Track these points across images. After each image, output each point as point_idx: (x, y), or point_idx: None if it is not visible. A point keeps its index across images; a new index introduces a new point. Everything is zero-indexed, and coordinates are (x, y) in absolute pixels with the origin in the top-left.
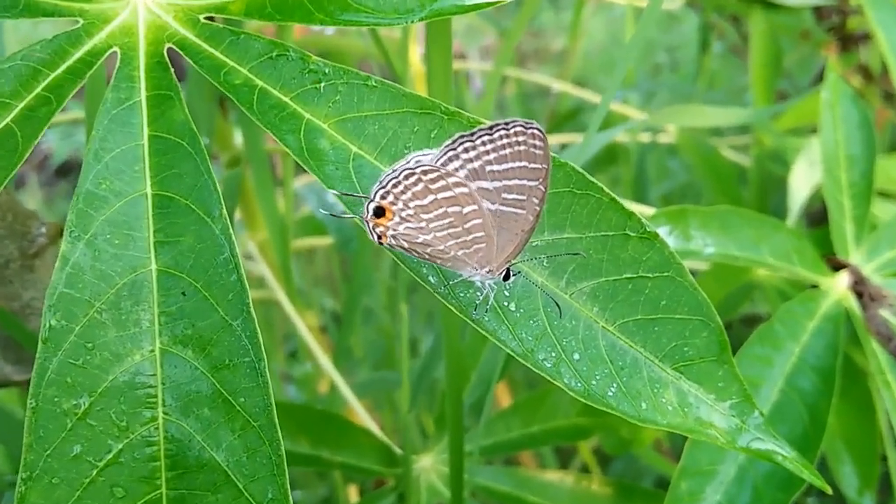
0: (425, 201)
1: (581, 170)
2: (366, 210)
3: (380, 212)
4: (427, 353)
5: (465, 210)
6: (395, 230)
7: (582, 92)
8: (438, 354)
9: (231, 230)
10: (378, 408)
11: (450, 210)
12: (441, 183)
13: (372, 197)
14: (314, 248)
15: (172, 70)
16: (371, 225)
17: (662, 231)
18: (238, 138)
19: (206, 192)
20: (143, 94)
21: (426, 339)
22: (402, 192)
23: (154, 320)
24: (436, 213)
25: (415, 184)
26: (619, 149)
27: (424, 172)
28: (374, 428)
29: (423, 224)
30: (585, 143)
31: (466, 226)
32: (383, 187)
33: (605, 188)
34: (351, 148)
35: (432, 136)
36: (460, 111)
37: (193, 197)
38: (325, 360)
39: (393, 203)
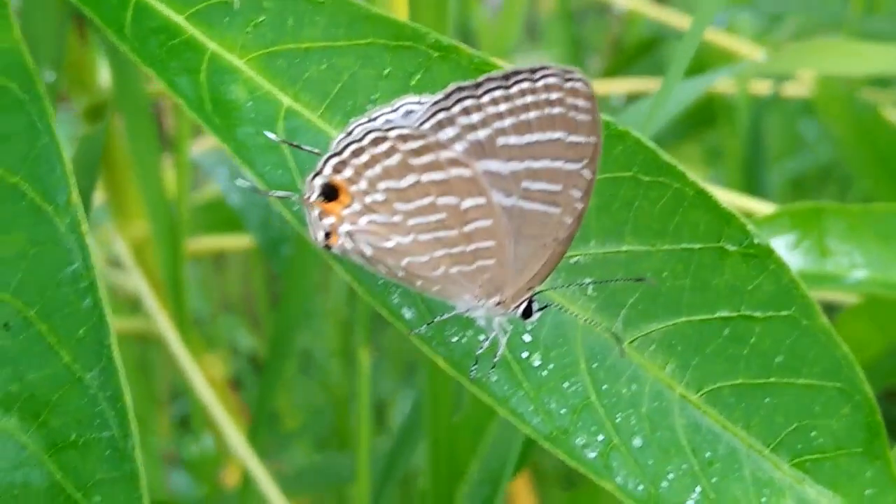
0: (402, 183)
1: (651, 143)
2: (307, 187)
3: (331, 192)
4: (401, 427)
5: (465, 204)
6: (352, 224)
7: (662, 11)
8: (417, 430)
9: (84, 226)
10: None
11: (440, 202)
12: (428, 158)
13: (319, 168)
14: (224, 252)
15: None
16: (315, 213)
17: (784, 242)
18: (104, 74)
19: (46, 164)
20: None
21: (399, 405)
22: (367, 166)
23: None
24: (418, 203)
25: (387, 154)
26: (719, 105)
27: (402, 139)
28: None
29: (397, 218)
30: (663, 96)
31: (466, 229)
32: (337, 154)
33: (688, 173)
34: (282, 99)
35: (412, 83)
36: (458, 45)
37: (24, 173)
38: (234, 434)
39: (352, 181)
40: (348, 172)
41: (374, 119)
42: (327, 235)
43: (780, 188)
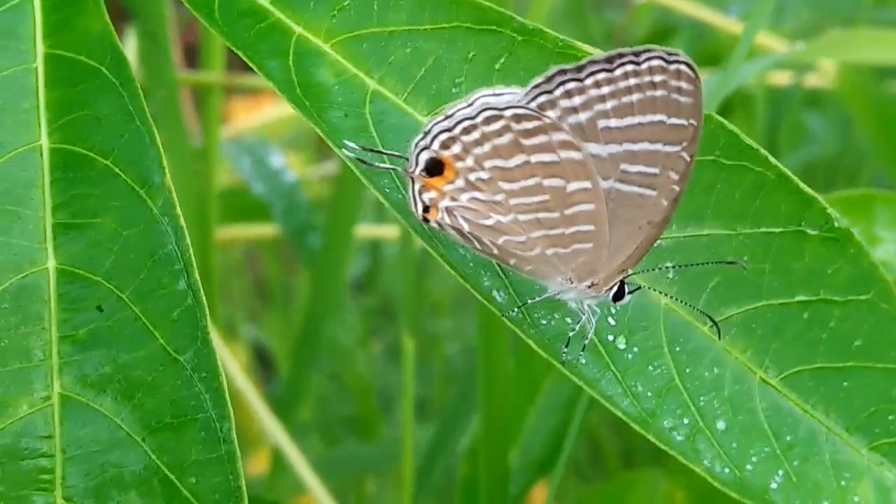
0: (510, 163)
1: (733, 126)
2: (412, 161)
3: (436, 168)
4: (445, 413)
5: (571, 187)
6: (453, 199)
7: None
8: (457, 419)
9: (178, 208)
10: None
11: (546, 183)
12: (540, 139)
13: (427, 142)
14: (233, 241)
15: None
16: (416, 187)
17: None
18: (130, 57)
19: (139, 146)
20: None
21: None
22: (477, 143)
23: (50, 350)
24: (523, 183)
25: (499, 133)
26: (737, 96)
27: (517, 119)
28: None
29: (499, 197)
30: (725, 84)
31: (568, 212)
32: (448, 130)
33: (770, 157)
34: (368, 83)
35: (497, 67)
36: (543, 29)
37: (118, 154)
38: (269, 420)
39: (459, 157)
40: (456, 148)
41: (474, 101)
42: (426, 209)
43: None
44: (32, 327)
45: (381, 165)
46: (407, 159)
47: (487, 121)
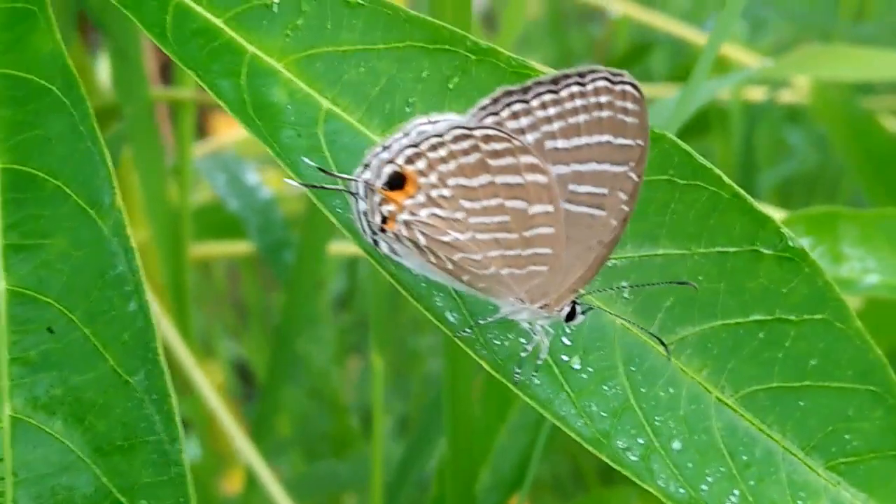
0: (474, 182)
1: (687, 147)
2: (375, 172)
3: (398, 181)
4: (417, 430)
5: (533, 210)
6: (412, 214)
7: (651, 16)
8: (432, 434)
9: (128, 229)
10: None
11: (508, 204)
12: (507, 161)
13: (390, 156)
14: (211, 258)
15: None
16: (376, 199)
17: None
18: (103, 74)
19: (90, 166)
20: None
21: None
22: (443, 161)
23: (1, 372)
24: (485, 203)
25: (467, 152)
26: (711, 112)
27: (487, 139)
28: None
29: (459, 215)
30: (685, 102)
31: (527, 234)
32: (415, 146)
33: (724, 177)
34: (321, 102)
35: (450, 86)
36: (496, 48)
37: (68, 174)
38: (242, 440)
39: (423, 173)
40: (421, 164)
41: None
42: (384, 220)
43: (767, 193)
44: None
45: (332, 188)
46: (356, 181)
47: (456, 139)
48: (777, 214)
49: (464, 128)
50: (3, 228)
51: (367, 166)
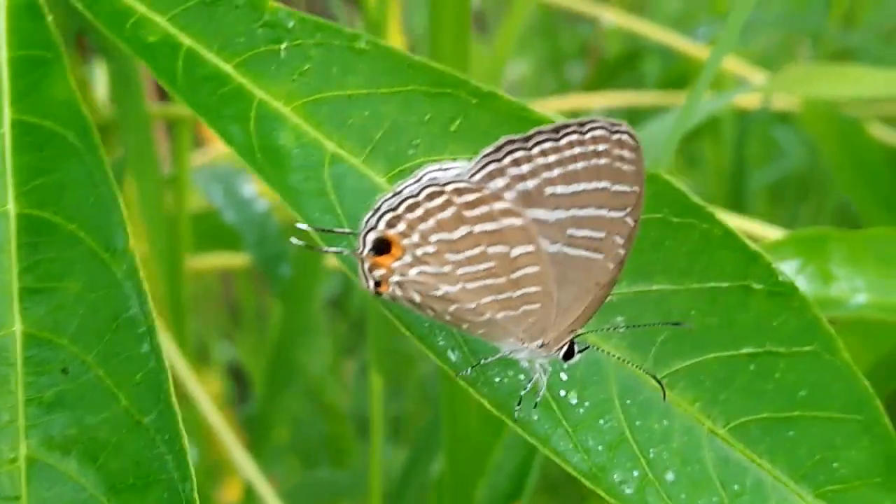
0: (455, 235)
1: (681, 185)
2: (360, 242)
3: (383, 246)
4: (417, 439)
5: (515, 252)
6: (402, 275)
7: (640, 24)
8: (433, 443)
9: (141, 272)
10: None
11: (491, 251)
12: (482, 210)
13: (373, 223)
14: (206, 269)
15: (51, 18)
16: (366, 266)
17: (789, 268)
18: (101, 90)
19: (103, 212)
20: (4, 54)
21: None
22: (421, 220)
23: (17, 412)
24: (469, 253)
25: (441, 208)
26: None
27: (458, 192)
28: None
29: (447, 269)
30: (684, 120)
31: (514, 275)
32: (393, 210)
33: (715, 214)
34: (327, 146)
35: (452, 129)
36: (497, 92)
37: (82, 219)
38: (240, 453)
39: (405, 235)
40: (401, 226)
41: (421, 177)
42: (377, 284)
43: (757, 195)
44: None
45: (331, 250)
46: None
47: (430, 197)
48: (771, 233)
49: (435, 185)
50: (18, 272)
51: (377, 210)
